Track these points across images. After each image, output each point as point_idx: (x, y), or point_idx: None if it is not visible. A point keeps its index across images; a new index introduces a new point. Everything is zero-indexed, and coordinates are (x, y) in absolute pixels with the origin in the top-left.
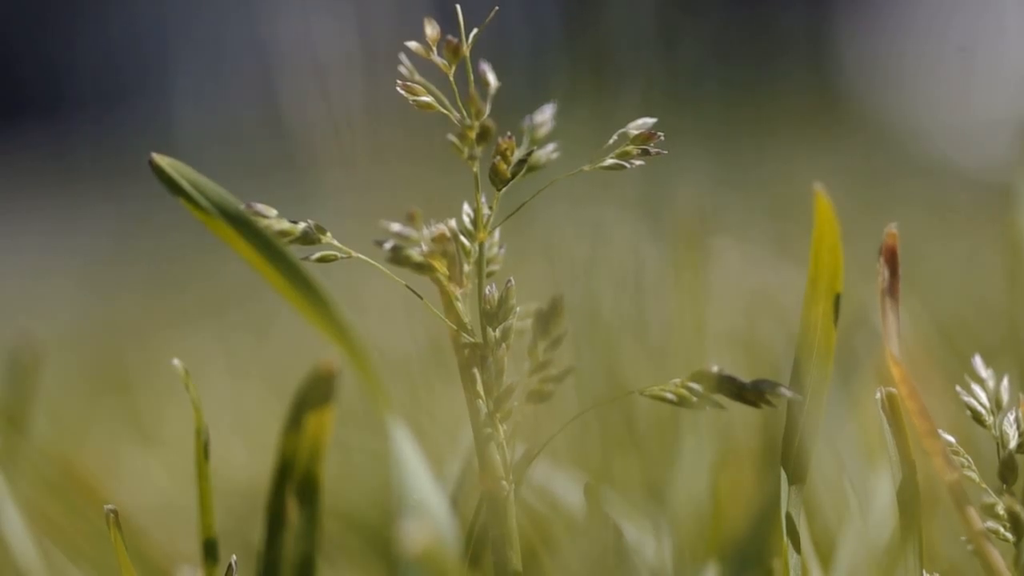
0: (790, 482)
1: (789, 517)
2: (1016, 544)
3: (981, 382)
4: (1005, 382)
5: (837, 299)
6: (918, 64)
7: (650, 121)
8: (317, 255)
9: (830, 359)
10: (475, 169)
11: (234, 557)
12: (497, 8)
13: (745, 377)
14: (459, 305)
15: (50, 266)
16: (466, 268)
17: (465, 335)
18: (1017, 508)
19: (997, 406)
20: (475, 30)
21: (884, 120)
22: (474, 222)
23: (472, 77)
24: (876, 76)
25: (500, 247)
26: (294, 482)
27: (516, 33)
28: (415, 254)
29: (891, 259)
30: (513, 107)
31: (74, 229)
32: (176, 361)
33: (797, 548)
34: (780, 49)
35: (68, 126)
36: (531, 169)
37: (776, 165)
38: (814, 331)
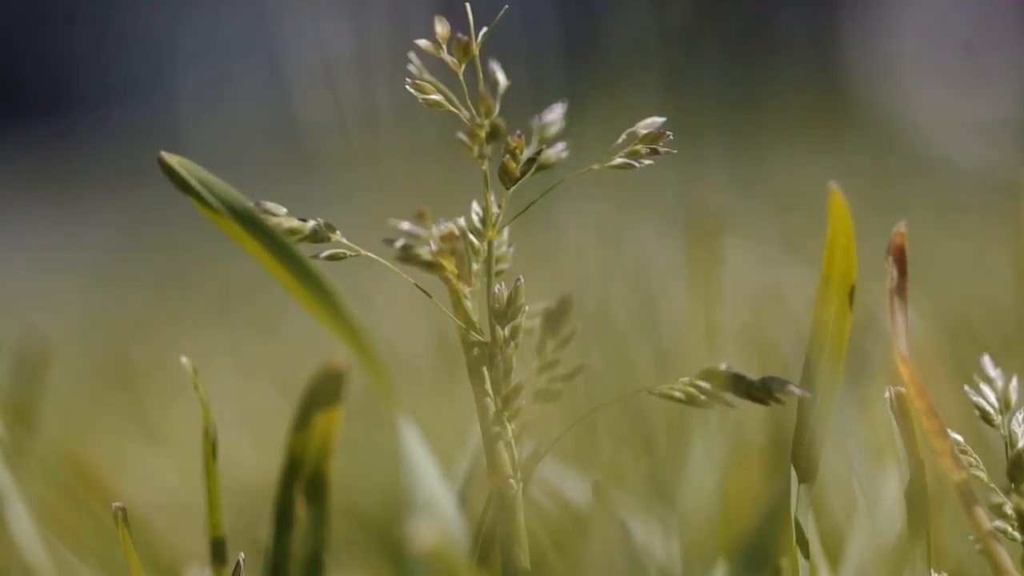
0: (800, 480)
1: (798, 516)
2: None
3: (990, 381)
4: (1014, 381)
5: (850, 298)
6: (924, 63)
7: (659, 120)
8: (326, 253)
9: (842, 358)
10: (484, 168)
11: (242, 555)
12: (507, 7)
13: (754, 375)
14: (468, 303)
15: (57, 263)
16: (475, 267)
17: (474, 333)
18: None
19: (1006, 405)
20: (485, 28)
21: (891, 119)
22: (483, 221)
23: (481, 75)
24: (882, 75)
25: (509, 246)
26: (302, 480)
27: (523, 33)
28: (424, 252)
29: (899, 258)
30: (520, 107)
31: (81, 226)
32: (184, 359)
33: (805, 547)
34: (787, 48)
35: (73, 124)
36: (540, 168)
37: (784, 164)
38: (826, 330)
